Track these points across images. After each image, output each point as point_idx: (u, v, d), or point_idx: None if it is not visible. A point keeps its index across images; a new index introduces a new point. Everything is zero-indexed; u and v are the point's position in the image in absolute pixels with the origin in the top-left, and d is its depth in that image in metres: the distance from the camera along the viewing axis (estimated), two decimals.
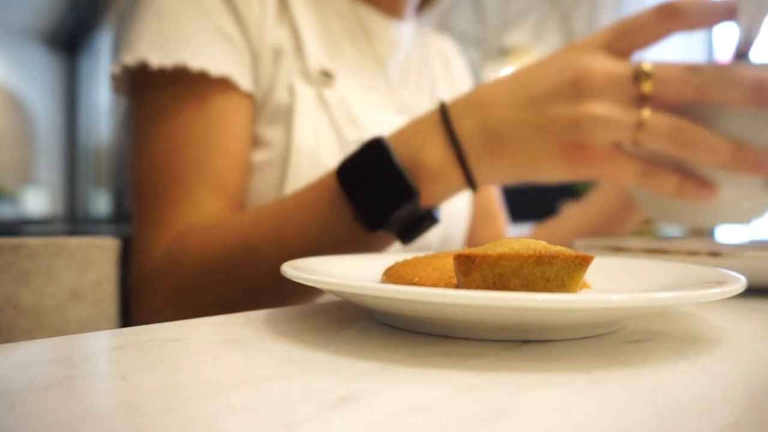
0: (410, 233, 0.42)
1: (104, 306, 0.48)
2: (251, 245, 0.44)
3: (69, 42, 5.94)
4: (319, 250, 0.42)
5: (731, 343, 0.23)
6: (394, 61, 0.66)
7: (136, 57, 0.50)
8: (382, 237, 0.43)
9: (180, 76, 0.51)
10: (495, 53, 3.48)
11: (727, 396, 0.17)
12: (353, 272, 0.31)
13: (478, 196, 0.78)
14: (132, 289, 0.51)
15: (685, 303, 0.20)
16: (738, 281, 0.24)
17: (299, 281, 0.24)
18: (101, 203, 5.64)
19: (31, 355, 0.21)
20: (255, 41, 0.55)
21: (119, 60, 0.52)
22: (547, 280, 0.22)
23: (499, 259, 0.22)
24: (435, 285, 0.26)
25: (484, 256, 0.22)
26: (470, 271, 0.23)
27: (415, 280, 0.26)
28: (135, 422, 0.14)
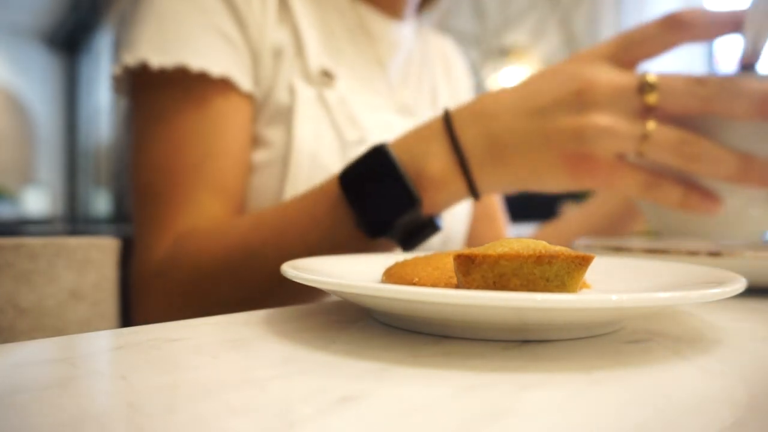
0: (411, 240, 0.42)
1: (104, 306, 0.48)
2: (252, 249, 0.44)
3: (69, 42, 5.94)
4: (319, 255, 0.42)
5: (731, 343, 0.23)
6: (395, 61, 0.66)
7: (137, 57, 0.50)
8: (383, 243, 0.43)
9: (180, 76, 0.51)
10: (495, 53, 3.48)
11: (727, 396, 0.17)
12: (353, 272, 0.31)
13: None
14: (132, 291, 0.51)
15: (685, 303, 0.20)
16: (738, 281, 0.23)
17: (299, 281, 0.24)
18: (101, 203, 5.64)
19: (31, 355, 0.21)
20: (255, 41, 0.55)
21: (120, 60, 0.52)
22: (547, 280, 0.22)
23: (499, 259, 0.22)
24: (435, 285, 0.26)
25: (484, 256, 0.22)
26: (470, 271, 0.23)
27: (415, 280, 0.26)
28: (135, 422, 0.14)
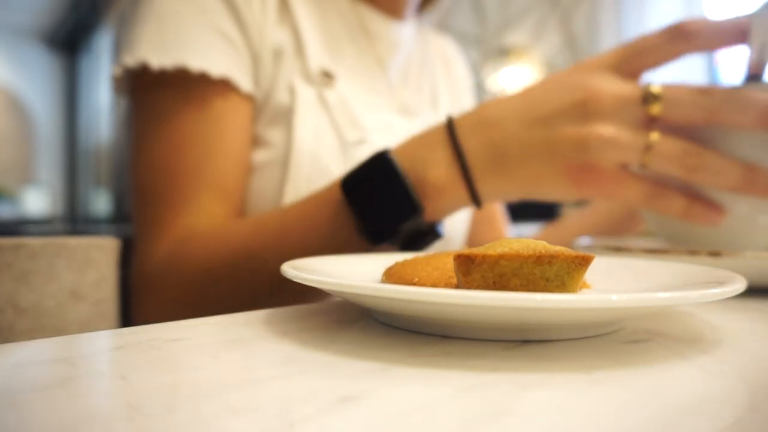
0: (412, 247, 0.42)
1: (104, 306, 0.48)
2: (253, 253, 0.44)
3: (69, 42, 5.94)
4: None
5: (731, 343, 0.23)
6: (395, 61, 0.66)
7: (137, 58, 0.50)
8: (384, 250, 0.43)
9: (180, 77, 0.51)
10: (495, 53, 3.48)
11: (727, 396, 0.17)
12: (353, 272, 0.31)
13: None
14: (132, 292, 0.51)
15: (685, 303, 0.20)
16: (738, 281, 0.23)
17: (299, 281, 0.24)
18: (101, 203, 5.64)
19: (31, 355, 0.21)
20: (255, 42, 0.55)
21: (120, 61, 0.52)
22: (547, 280, 0.22)
23: (499, 259, 0.22)
24: (435, 285, 0.26)
25: (484, 256, 0.22)
26: (470, 271, 0.23)
27: (415, 280, 0.26)
28: (135, 422, 0.14)
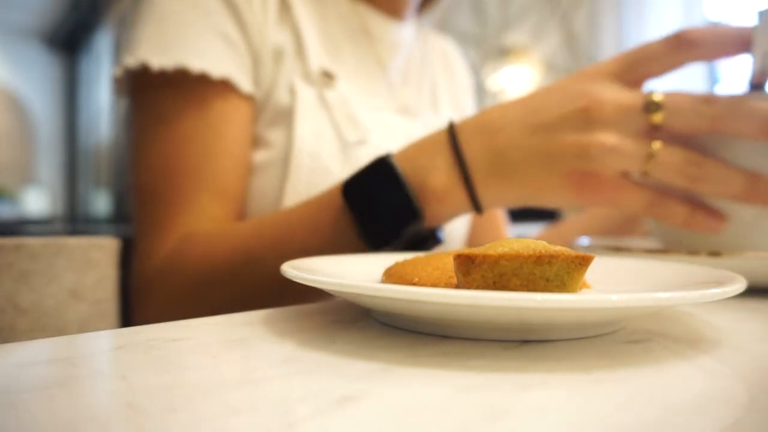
0: (413, 251, 0.42)
1: (104, 306, 0.48)
2: (253, 255, 0.44)
3: (69, 42, 5.94)
4: None
5: (731, 343, 0.23)
6: (395, 62, 0.66)
7: (137, 59, 0.50)
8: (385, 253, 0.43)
9: (181, 77, 0.51)
10: (495, 53, 3.48)
11: (727, 396, 0.17)
12: (353, 272, 0.31)
13: None
14: (132, 292, 0.51)
15: (685, 303, 0.20)
16: (738, 281, 0.23)
17: (299, 281, 0.24)
18: (101, 203, 5.64)
19: (31, 355, 0.21)
20: (256, 43, 0.55)
21: (120, 61, 0.52)
22: (547, 280, 0.22)
23: (499, 259, 0.22)
24: (435, 285, 0.26)
25: (484, 256, 0.22)
26: (470, 271, 0.23)
27: (415, 280, 0.26)
28: (135, 422, 0.14)
